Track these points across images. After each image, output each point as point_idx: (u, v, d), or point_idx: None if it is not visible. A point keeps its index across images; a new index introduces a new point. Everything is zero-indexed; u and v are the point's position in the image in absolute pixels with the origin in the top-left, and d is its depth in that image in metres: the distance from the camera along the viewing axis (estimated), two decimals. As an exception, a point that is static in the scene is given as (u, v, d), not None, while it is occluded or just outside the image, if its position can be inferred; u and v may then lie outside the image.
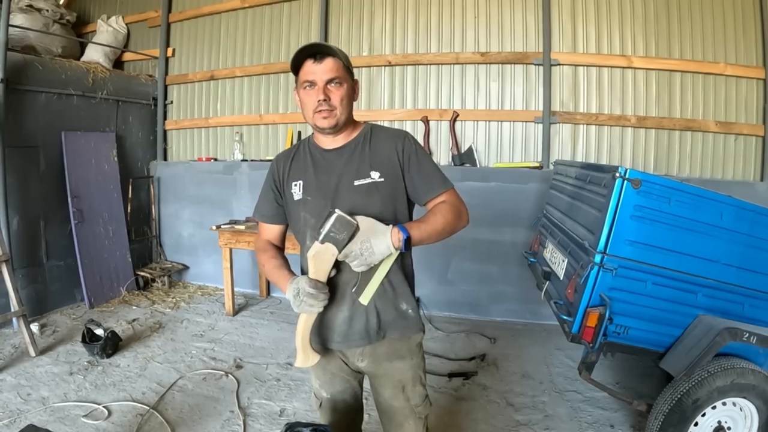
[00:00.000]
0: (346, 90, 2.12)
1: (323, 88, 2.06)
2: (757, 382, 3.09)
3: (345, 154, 2.22)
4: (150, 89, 7.61)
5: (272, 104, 7.16)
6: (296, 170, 2.30)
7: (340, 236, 1.89)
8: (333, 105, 2.08)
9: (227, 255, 6.04)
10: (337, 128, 2.15)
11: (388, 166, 2.19)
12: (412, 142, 2.26)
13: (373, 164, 2.18)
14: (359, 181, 2.16)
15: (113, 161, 6.75)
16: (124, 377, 4.52)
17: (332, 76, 2.06)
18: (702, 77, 5.88)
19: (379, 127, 2.36)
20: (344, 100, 2.11)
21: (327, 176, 2.22)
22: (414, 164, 2.22)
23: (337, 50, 2.09)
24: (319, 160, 2.26)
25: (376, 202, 2.15)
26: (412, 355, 2.34)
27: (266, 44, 7.13)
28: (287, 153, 2.41)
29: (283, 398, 4.26)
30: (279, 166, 2.38)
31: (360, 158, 2.20)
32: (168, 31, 7.66)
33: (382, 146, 2.22)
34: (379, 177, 2.16)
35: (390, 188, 2.18)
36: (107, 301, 6.42)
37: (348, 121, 2.20)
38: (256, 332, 5.71)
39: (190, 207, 7.40)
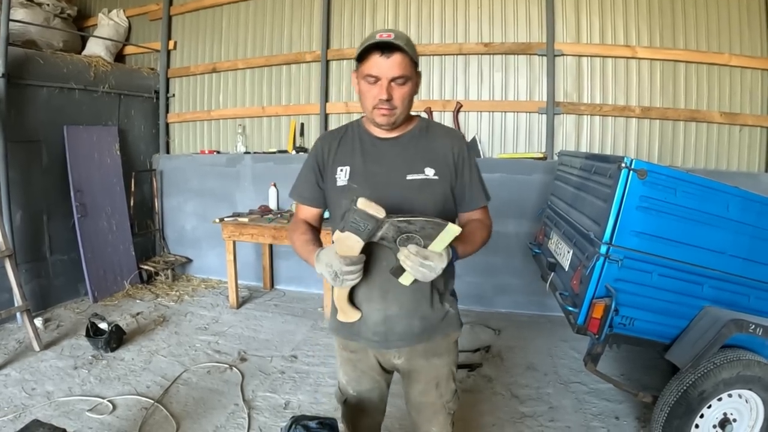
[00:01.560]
0: (410, 88, 2.02)
1: (387, 86, 1.95)
2: (762, 374, 3.07)
3: (399, 145, 2.14)
4: (152, 82, 7.58)
5: (275, 96, 7.14)
6: (343, 154, 2.19)
7: (363, 227, 1.78)
8: (394, 105, 1.98)
9: (230, 248, 6.03)
10: (395, 125, 2.08)
11: (443, 164, 2.12)
12: (465, 145, 2.20)
13: (428, 160, 2.11)
14: (412, 176, 2.08)
15: (116, 155, 6.73)
16: (129, 371, 4.52)
17: (398, 74, 1.94)
18: (707, 68, 5.84)
19: (435, 123, 2.32)
20: (407, 99, 2.02)
21: (377, 166, 2.12)
22: (466, 170, 2.17)
23: (406, 44, 1.94)
24: (369, 147, 2.17)
25: (428, 200, 2.07)
26: (449, 353, 2.30)
27: (268, 36, 7.09)
28: (334, 134, 2.29)
29: (288, 391, 4.26)
30: (324, 147, 2.26)
31: (414, 152, 2.13)
32: (169, 23, 7.63)
33: (438, 143, 2.15)
34: (434, 174, 2.09)
35: (442, 187, 2.11)
36: (111, 295, 6.41)
37: (406, 116, 2.12)
38: (260, 325, 5.71)
39: (193, 200, 7.38)
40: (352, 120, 2.29)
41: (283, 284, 7.01)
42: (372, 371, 2.33)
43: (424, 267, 1.78)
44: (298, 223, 2.31)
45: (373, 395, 2.39)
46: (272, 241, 6.01)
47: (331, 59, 6.77)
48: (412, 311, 2.12)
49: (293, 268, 6.91)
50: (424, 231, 1.77)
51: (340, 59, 6.76)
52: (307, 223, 2.30)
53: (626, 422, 3.83)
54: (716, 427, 3.22)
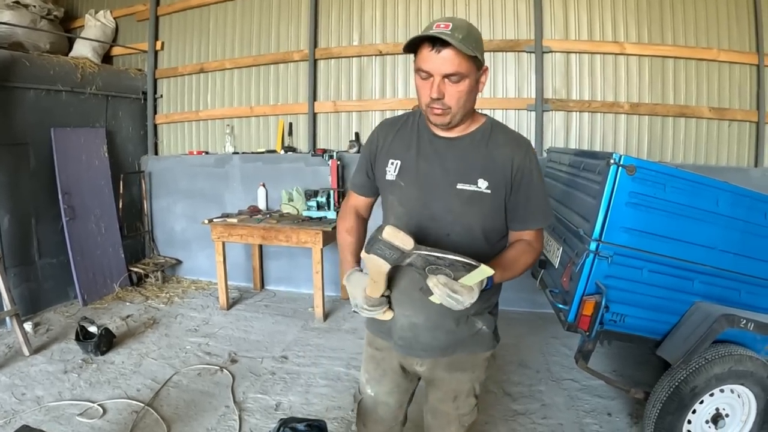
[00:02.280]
0: (467, 86, 1.83)
1: (439, 84, 1.79)
2: (754, 369, 3.09)
3: (456, 147, 1.99)
4: (139, 83, 7.53)
5: (263, 96, 7.11)
6: (398, 146, 2.09)
7: (389, 255, 1.70)
8: (447, 104, 1.83)
9: (220, 249, 6.01)
10: (450, 126, 1.93)
11: (500, 176, 1.95)
12: (531, 157, 2.00)
13: (483, 170, 1.95)
14: (463, 185, 1.93)
15: (104, 157, 6.69)
16: (119, 374, 4.49)
17: (451, 71, 1.77)
18: (695, 63, 5.87)
19: (502, 127, 2.08)
20: (462, 98, 1.84)
21: (430, 166, 2.00)
22: (525, 186, 1.98)
23: (464, 38, 1.73)
24: (425, 144, 2.04)
25: (476, 214, 1.96)
26: (474, 369, 2.22)
27: (256, 35, 7.06)
28: (393, 123, 2.18)
29: (279, 392, 4.25)
30: (381, 135, 2.17)
31: (471, 158, 1.97)
32: (156, 24, 7.58)
33: (499, 152, 1.97)
34: (486, 188, 1.94)
35: (494, 203, 1.97)
36: (101, 298, 6.37)
37: (466, 116, 1.95)
38: (250, 326, 5.70)
39: (182, 201, 7.35)
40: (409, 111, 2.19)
41: (273, 284, 7.00)
42: (394, 373, 2.28)
43: (451, 298, 1.68)
44: (346, 212, 2.28)
45: (391, 399, 2.33)
46: (261, 241, 5.98)
47: (318, 58, 6.74)
48: (438, 324, 2.05)
49: (283, 269, 6.91)
50: (454, 267, 1.67)
51: (327, 58, 6.74)
52: (357, 212, 2.27)
53: (619, 418, 3.85)
54: (709, 422, 3.24)
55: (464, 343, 2.12)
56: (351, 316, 5.95)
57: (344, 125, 6.78)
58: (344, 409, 3.99)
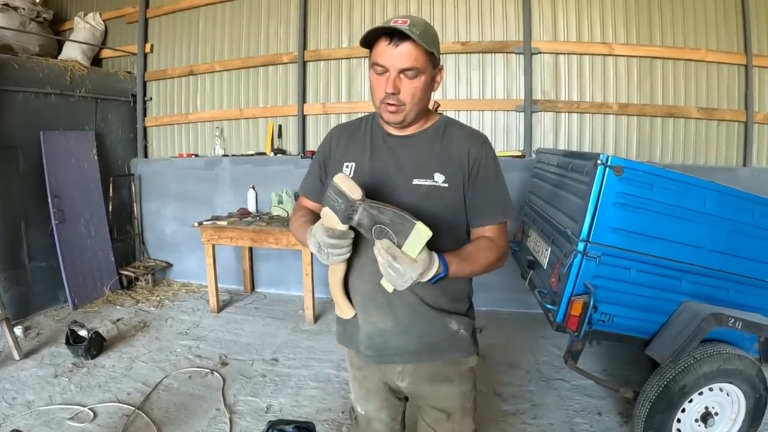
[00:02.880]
0: (422, 82, 1.79)
1: (395, 79, 1.75)
2: (743, 367, 3.11)
3: (410, 145, 1.94)
4: (129, 86, 7.51)
5: (252, 98, 7.10)
6: (352, 149, 2.02)
7: (337, 205, 1.65)
8: (402, 100, 1.78)
9: (210, 251, 5.99)
10: (404, 124, 1.88)
11: (456, 170, 1.90)
12: (488, 150, 1.96)
13: (439, 164, 1.89)
14: (419, 181, 1.88)
15: (93, 160, 6.66)
16: (110, 378, 4.47)
17: (408, 65, 1.73)
18: (683, 64, 5.91)
19: (456, 123, 2.04)
20: (417, 95, 1.79)
21: (384, 165, 1.94)
22: (481, 178, 1.93)
23: (421, 33, 1.71)
24: (379, 144, 1.98)
25: (435, 209, 1.85)
26: (461, 380, 2.10)
27: (245, 38, 7.05)
28: (345, 128, 2.12)
29: (270, 394, 4.25)
30: (333, 141, 2.10)
31: (426, 154, 1.92)
32: (146, 26, 7.56)
33: (454, 146, 1.92)
34: (443, 182, 1.88)
35: (452, 196, 1.90)
36: (91, 302, 6.34)
37: (420, 114, 1.90)
38: (241, 328, 5.68)
39: (172, 204, 7.33)
40: (364, 115, 2.14)
41: (264, 287, 6.98)
42: (379, 390, 2.18)
43: (392, 269, 1.57)
44: (298, 211, 2.17)
45: (383, 415, 2.24)
46: (251, 244, 5.97)
47: (308, 60, 6.74)
48: (408, 327, 1.95)
49: (273, 271, 6.90)
50: (395, 226, 1.59)
51: (317, 60, 6.75)
52: (310, 211, 2.14)
53: (609, 417, 3.86)
54: (698, 421, 3.25)
55: (440, 348, 2.01)
56: (342, 318, 5.90)
57: (334, 127, 6.71)
58: (334, 410, 3.98)
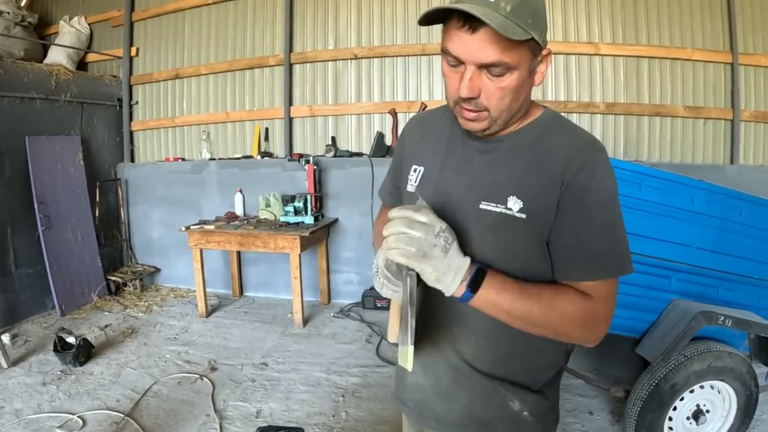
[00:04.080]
0: (515, 81, 1.23)
1: (473, 76, 1.22)
2: (734, 365, 3.12)
3: (494, 152, 1.41)
4: (115, 90, 7.47)
5: (239, 101, 7.07)
6: (425, 148, 1.57)
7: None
8: (482, 105, 1.26)
9: (197, 256, 5.96)
10: (489, 132, 1.36)
11: (541, 196, 1.32)
12: (596, 169, 1.31)
13: (519, 185, 1.33)
14: (487, 205, 1.35)
15: (79, 165, 6.62)
16: (98, 385, 4.44)
17: (490, 60, 1.18)
18: (669, 62, 5.91)
19: (563, 124, 1.42)
20: (507, 98, 1.26)
21: (455, 176, 1.45)
22: (579, 213, 1.30)
23: (512, 12, 1.15)
24: (456, 146, 1.48)
25: (505, 249, 1.36)
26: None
27: (231, 40, 7.02)
28: (422, 120, 1.67)
29: (259, 399, 4.23)
30: (407, 136, 1.68)
31: (508, 168, 1.37)
32: (131, 30, 7.51)
33: (548, 159, 1.33)
34: (519, 211, 1.32)
35: (530, 233, 1.33)
36: (79, 308, 6.28)
37: (515, 117, 1.36)
38: (230, 333, 5.65)
39: (159, 208, 7.29)
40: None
41: (252, 291, 6.95)
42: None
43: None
44: (379, 215, 1.83)
45: None
46: (239, 248, 5.94)
47: (294, 62, 6.71)
48: (451, 392, 1.50)
49: (262, 275, 6.87)
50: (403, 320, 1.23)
51: (303, 62, 6.72)
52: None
53: (600, 417, 3.87)
54: (689, 419, 3.26)
55: (493, 427, 1.50)
56: (330, 321, 5.94)
57: (320, 129, 6.77)
58: (325, 414, 3.96)
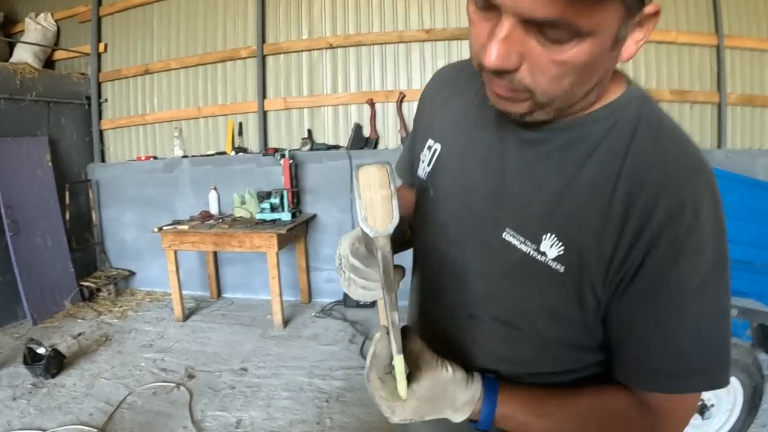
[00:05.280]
0: (585, 53, 0.76)
1: (509, 34, 0.75)
2: (738, 356, 3.02)
3: (543, 145, 0.95)
4: (83, 88, 7.23)
5: (211, 95, 6.86)
6: (449, 117, 1.11)
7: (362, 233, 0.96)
8: (522, 82, 0.80)
9: (172, 258, 5.74)
10: (533, 119, 0.89)
11: (593, 241, 0.88)
12: (703, 222, 0.89)
13: (566, 218, 0.90)
14: (513, 236, 0.95)
15: (47, 166, 6.38)
16: (71, 398, 4.25)
17: (544, 15, 0.71)
18: (654, 46, 5.80)
19: (661, 123, 0.96)
20: (568, 79, 0.80)
21: (481, 172, 1.01)
22: (665, 292, 0.86)
23: None
24: (487, 121, 1.02)
25: (528, 302, 0.96)
26: None
27: (201, 33, 6.80)
28: (456, 73, 1.17)
29: (239, 407, 4.06)
30: (429, 93, 1.22)
31: (558, 176, 0.92)
32: (99, 25, 7.27)
33: (624, 182, 0.87)
34: (556, 259, 0.90)
35: (572, 294, 0.91)
36: (51, 316, 6.07)
37: (579, 104, 0.90)
38: (207, 337, 5.47)
39: (132, 209, 7.08)
40: None
41: (230, 292, 6.77)
42: None
43: (379, 400, 0.92)
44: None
45: None
46: (214, 248, 5.76)
47: (267, 54, 6.52)
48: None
49: (240, 275, 6.70)
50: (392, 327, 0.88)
51: (276, 54, 6.53)
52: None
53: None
54: (695, 413, 3.13)
55: None
56: (312, 322, 5.76)
57: (296, 122, 6.58)
58: (308, 422, 3.81)
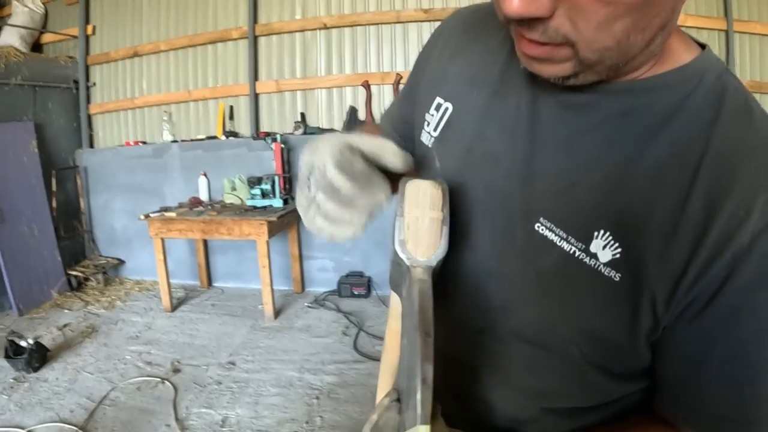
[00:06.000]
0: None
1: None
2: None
3: (589, 110, 0.73)
4: (70, 72, 7.02)
5: (201, 78, 6.65)
6: (465, 70, 0.89)
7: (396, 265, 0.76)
8: (562, 35, 0.59)
9: (159, 246, 5.56)
10: (578, 82, 0.68)
11: (655, 244, 0.67)
12: None
13: (627, 206, 0.69)
14: (549, 230, 0.74)
15: (33, 153, 6.19)
16: (52, 393, 4.07)
17: None
18: (662, 28, 5.57)
19: (746, 100, 0.71)
20: (620, 23, 0.57)
21: (505, 141, 0.80)
22: (747, 323, 0.65)
23: None
24: (515, 78, 0.81)
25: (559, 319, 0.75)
26: None
27: (192, 13, 6.56)
28: (478, 18, 0.94)
29: (225, 404, 3.87)
30: (443, 36, 0.98)
31: (613, 154, 0.71)
32: (87, 6, 7.04)
33: (705, 174, 0.65)
34: (609, 266, 0.69)
35: (624, 301, 0.69)
36: (38, 307, 5.90)
37: (637, 59, 0.67)
38: (196, 329, 5.28)
39: (121, 196, 6.89)
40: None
41: (221, 281, 6.58)
42: None
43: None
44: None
45: None
46: (202, 235, 5.56)
47: (259, 35, 6.30)
48: None
49: (231, 263, 6.52)
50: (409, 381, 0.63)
51: (269, 34, 6.30)
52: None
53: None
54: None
55: None
56: (304, 312, 5.57)
57: (288, 106, 6.37)
58: (298, 421, 3.63)
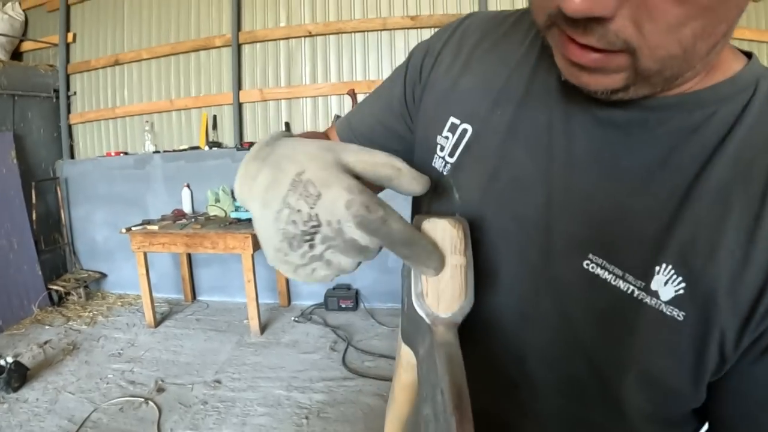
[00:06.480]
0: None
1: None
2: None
3: (634, 127, 0.63)
4: (51, 80, 6.87)
5: (183, 87, 6.54)
6: (482, 82, 0.78)
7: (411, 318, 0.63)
8: (623, 40, 0.49)
9: (142, 260, 5.42)
10: (626, 97, 0.58)
11: (725, 275, 0.56)
12: None
13: (687, 241, 0.58)
14: (599, 266, 0.63)
15: (12, 164, 6.03)
16: (32, 415, 3.94)
17: None
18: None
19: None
20: (690, 26, 0.48)
21: (541, 161, 0.69)
22: None
23: None
24: (543, 92, 0.71)
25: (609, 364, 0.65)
26: None
27: (174, 21, 6.45)
28: (495, 25, 0.84)
29: (211, 426, 3.75)
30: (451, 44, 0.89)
31: (667, 182, 0.61)
32: (68, 14, 6.93)
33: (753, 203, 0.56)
34: (671, 304, 0.59)
35: (686, 350, 0.59)
36: (18, 322, 5.75)
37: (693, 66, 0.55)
38: (180, 345, 5.15)
39: (102, 208, 6.76)
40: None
41: (206, 295, 6.46)
42: None
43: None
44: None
45: None
46: (185, 249, 5.44)
47: (243, 43, 6.20)
48: None
49: (215, 277, 6.39)
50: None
51: (252, 42, 6.20)
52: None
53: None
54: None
55: None
56: (291, 327, 5.45)
57: (273, 115, 6.26)
58: (285, 442, 3.51)
